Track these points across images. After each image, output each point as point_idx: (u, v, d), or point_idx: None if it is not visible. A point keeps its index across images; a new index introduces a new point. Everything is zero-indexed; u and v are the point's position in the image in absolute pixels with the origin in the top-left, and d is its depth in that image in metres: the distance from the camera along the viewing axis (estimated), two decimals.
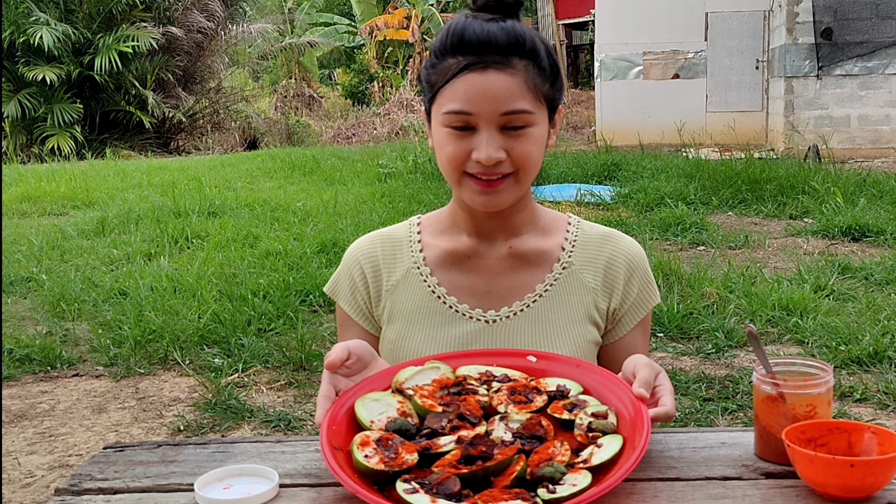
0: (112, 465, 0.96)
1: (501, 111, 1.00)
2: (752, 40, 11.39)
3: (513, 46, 1.00)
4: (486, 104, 1.00)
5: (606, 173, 7.90)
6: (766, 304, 3.73)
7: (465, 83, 1.00)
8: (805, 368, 0.96)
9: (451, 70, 1.01)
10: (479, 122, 1.01)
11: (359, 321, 1.17)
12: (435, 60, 1.04)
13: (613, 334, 1.15)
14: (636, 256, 1.14)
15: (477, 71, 1.00)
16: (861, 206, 5.82)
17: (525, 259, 1.13)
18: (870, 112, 9.93)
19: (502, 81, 0.99)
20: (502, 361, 1.00)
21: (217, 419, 2.85)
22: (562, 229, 1.15)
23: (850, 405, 2.79)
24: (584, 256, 1.13)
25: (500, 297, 1.12)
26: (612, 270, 1.13)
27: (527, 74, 1.01)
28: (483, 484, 0.82)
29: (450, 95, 1.01)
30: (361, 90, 20.48)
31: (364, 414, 0.91)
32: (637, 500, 0.84)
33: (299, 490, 0.88)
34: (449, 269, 1.13)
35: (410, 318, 1.12)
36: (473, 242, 1.13)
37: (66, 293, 4.22)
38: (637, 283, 1.14)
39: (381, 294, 1.15)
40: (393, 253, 1.16)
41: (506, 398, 0.93)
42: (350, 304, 1.17)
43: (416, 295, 1.13)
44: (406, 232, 1.17)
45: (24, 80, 12.56)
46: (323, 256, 4.81)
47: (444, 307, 1.12)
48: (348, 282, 1.17)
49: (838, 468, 0.81)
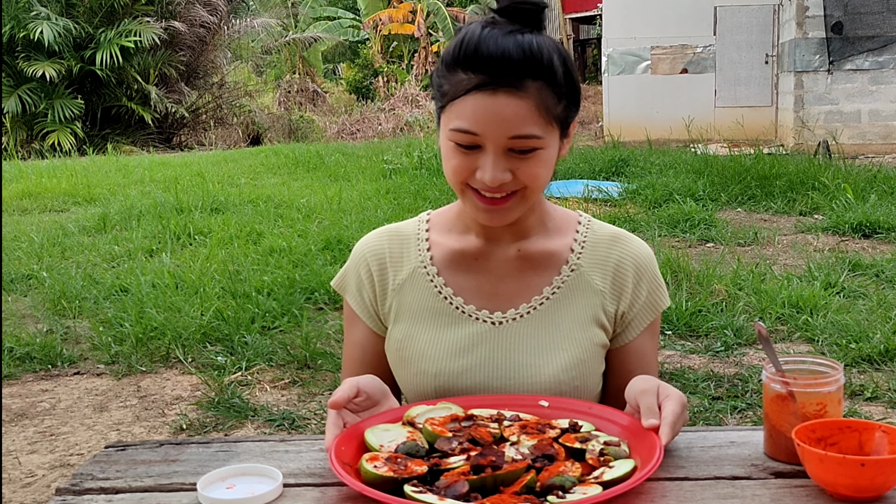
0: (114, 465, 0.95)
1: (509, 135, 0.98)
2: (762, 34, 11.33)
3: (527, 66, 0.97)
4: (494, 128, 0.98)
5: (614, 169, 7.85)
6: (776, 302, 3.71)
7: (474, 103, 0.98)
8: (815, 367, 0.95)
9: (462, 86, 0.99)
10: (485, 143, 0.99)
11: (364, 319, 1.17)
12: (447, 70, 1.01)
13: (622, 338, 1.14)
14: (645, 259, 1.13)
15: (487, 92, 0.97)
16: (872, 202, 5.76)
17: (533, 261, 1.12)
18: (881, 107, 9.85)
19: (513, 106, 0.97)
20: (514, 405, 1.00)
21: (220, 418, 2.84)
22: (571, 229, 1.15)
23: (861, 404, 2.77)
24: (592, 258, 1.12)
25: (507, 298, 1.11)
26: (621, 273, 1.12)
27: (539, 97, 0.98)
28: (492, 493, 0.81)
29: (458, 112, 0.99)
30: (366, 85, 20.48)
31: (374, 440, 0.91)
32: (645, 499, 0.83)
33: (303, 490, 0.88)
34: (456, 269, 1.13)
35: (416, 317, 1.12)
36: (481, 243, 1.12)
37: (67, 290, 4.20)
38: (646, 286, 1.13)
39: (388, 292, 1.15)
40: (401, 250, 1.15)
41: (518, 430, 0.93)
42: (356, 301, 1.17)
43: (422, 295, 1.13)
44: (415, 229, 1.17)
45: (25, 76, 12.52)
46: (328, 253, 4.79)
47: (450, 308, 1.11)
48: (355, 278, 1.17)
49: (849, 468, 0.80)
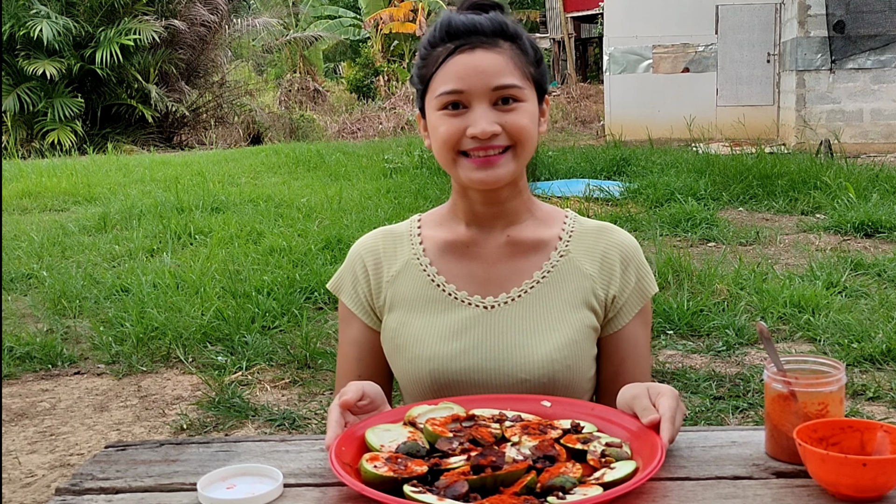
0: (114, 465, 0.95)
1: (492, 86, 1.06)
2: (764, 33, 11.32)
3: (497, 31, 1.08)
4: (477, 79, 1.06)
5: (615, 168, 7.84)
6: (778, 301, 3.70)
7: (455, 64, 1.07)
8: (817, 366, 0.95)
9: (441, 56, 1.08)
10: (471, 98, 1.06)
11: (359, 315, 1.20)
12: (424, 53, 1.11)
13: (614, 324, 1.17)
14: (630, 247, 1.18)
15: (466, 51, 1.07)
16: (874, 201, 5.75)
17: (523, 247, 1.16)
18: (883, 106, 9.82)
19: (490, 59, 1.07)
20: (516, 405, 1.01)
21: (220, 418, 2.84)
22: (559, 221, 1.19)
23: (863, 403, 2.76)
24: (581, 246, 1.17)
25: (499, 283, 1.15)
26: (609, 260, 1.16)
27: (513, 53, 1.08)
28: (492, 493, 0.81)
29: (442, 79, 1.07)
30: (367, 84, 20.45)
31: (374, 440, 0.92)
32: (647, 499, 0.83)
33: (304, 490, 0.87)
34: (448, 258, 1.17)
35: (410, 305, 1.16)
36: (472, 232, 1.17)
37: (68, 290, 4.20)
38: (634, 273, 1.17)
39: (382, 285, 1.18)
40: (394, 246, 1.20)
41: (519, 431, 0.93)
42: (352, 298, 1.20)
43: (415, 284, 1.16)
44: (407, 228, 1.22)
45: (25, 74, 12.49)
46: (328, 253, 4.79)
47: (443, 294, 1.15)
48: (350, 276, 1.21)
49: (850, 467, 0.80)
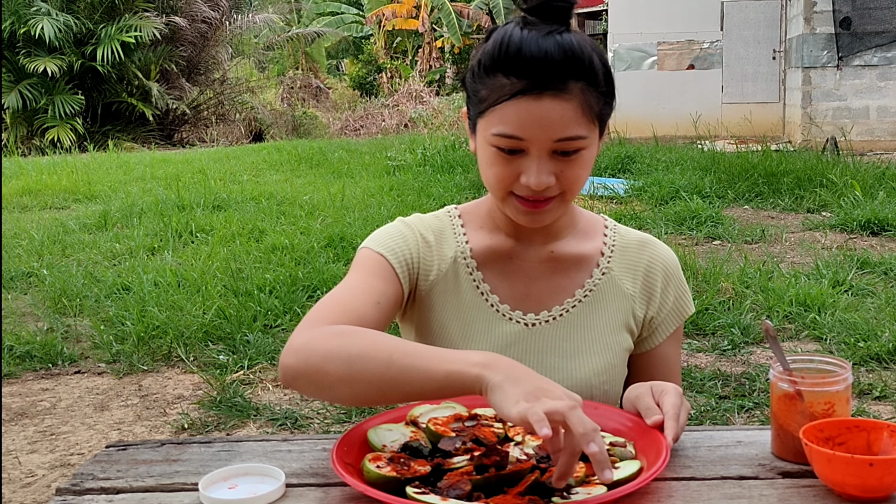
0: (114, 465, 0.95)
1: (555, 139, 0.97)
2: (769, 30, 11.29)
3: (569, 67, 0.95)
4: (540, 132, 0.96)
5: (620, 166, 7.81)
6: (784, 300, 3.69)
7: (518, 108, 0.96)
8: (823, 365, 0.95)
9: (504, 91, 0.97)
10: (530, 147, 0.98)
11: (401, 279, 1.08)
12: (484, 74, 0.99)
13: (648, 343, 1.14)
14: (673, 265, 1.15)
15: (531, 97, 0.95)
16: (880, 199, 5.73)
17: (565, 263, 1.12)
18: (889, 103, 9.78)
19: (558, 109, 0.96)
20: None
21: (222, 417, 2.83)
22: (599, 233, 1.15)
23: (869, 403, 2.76)
24: (622, 262, 1.13)
25: (539, 300, 1.10)
26: (651, 277, 1.13)
27: (582, 98, 0.97)
28: (496, 493, 0.81)
29: (501, 117, 0.97)
30: (369, 81, 20.43)
31: (376, 439, 0.91)
32: (651, 499, 0.83)
33: (306, 490, 0.87)
34: (491, 265, 1.11)
35: (453, 309, 1.10)
36: (513, 243, 1.11)
37: (68, 288, 4.18)
38: (673, 292, 1.14)
39: (432, 270, 1.10)
40: (442, 235, 1.12)
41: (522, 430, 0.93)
42: (400, 261, 1.08)
43: (460, 285, 1.10)
44: (448, 221, 1.14)
45: (25, 71, 12.48)
46: (330, 251, 4.78)
47: (485, 304, 1.10)
48: (402, 241, 1.10)
49: (857, 467, 0.80)
